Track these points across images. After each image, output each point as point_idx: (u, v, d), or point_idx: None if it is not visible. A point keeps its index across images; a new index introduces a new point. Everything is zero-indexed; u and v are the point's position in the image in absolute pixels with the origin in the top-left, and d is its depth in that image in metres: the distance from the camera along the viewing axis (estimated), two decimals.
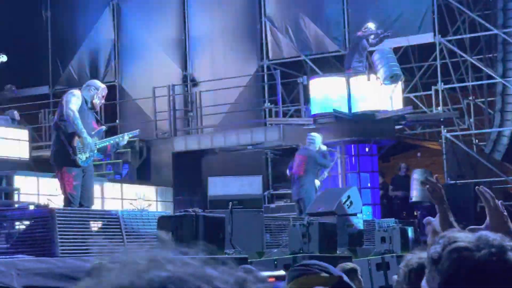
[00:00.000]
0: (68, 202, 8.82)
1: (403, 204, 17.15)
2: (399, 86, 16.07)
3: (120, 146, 9.57)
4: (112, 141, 9.35)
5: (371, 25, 15.76)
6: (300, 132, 15.62)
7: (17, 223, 7.91)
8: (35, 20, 20.53)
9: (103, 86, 9.38)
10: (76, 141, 8.78)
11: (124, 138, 9.42)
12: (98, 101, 9.23)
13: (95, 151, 9.04)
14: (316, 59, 18.30)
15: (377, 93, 15.67)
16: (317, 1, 18.29)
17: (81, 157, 8.82)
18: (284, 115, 17.49)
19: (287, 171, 13.96)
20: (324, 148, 13.90)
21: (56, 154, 8.94)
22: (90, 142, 8.84)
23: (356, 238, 11.56)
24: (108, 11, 20.27)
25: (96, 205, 11.44)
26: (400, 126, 16.86)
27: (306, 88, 16.60)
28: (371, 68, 15.81)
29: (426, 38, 17.20)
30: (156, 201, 16.11)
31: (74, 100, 8.86)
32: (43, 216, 7.57)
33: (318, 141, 13.82)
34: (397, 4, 17.33)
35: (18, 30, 19.67)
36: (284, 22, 18.59)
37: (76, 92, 9.04)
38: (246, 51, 18.95)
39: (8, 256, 7.10)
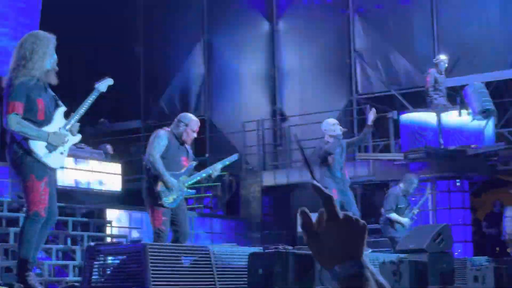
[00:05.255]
0: (157, 236, 8.90)
1: (497, 242, 16.78)
2: (492, 121, 15.80)
3: (213, 177, 9.49)
4: (204, 174, 9.34)
5: (443, 57, 15.56)
6: (391, 168, 15.47)
7: (110, 257, 8.03)
8: (128, 55, 20.97)
9: (194, 119, 9.22)
10: (160, 185, 8.79)
11: (217, 168, 9.30)
12: (188, 137, 9.12)
13: (184, 189, 9.04)
14: (406, 93, 18.16)
15: (469, 128, 15.44)
16: (407, 35, 18.20)
17: (167, 200, 8.81)
18: (374, 150, 17.37)
19: None
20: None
21: (146, 192, 9.01)
22: (174, 184, 8.89)
23: (447, 277, 11.34)
24: (199, 47, 20.58)
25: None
26: (492, 162, 16.54)
27: (396, 123, 16.47)
28: (462, 103, 15.59)
29: None
30: (245, 235, 16.17)
31: (156, 143, 8.83)
32: (136, 251, 7.67)
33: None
34: (489, 39, 17.09)
35: (111, 65, 20.10)
36: (374, 56, 18.56)
37: (161, 132, 8.94)
38: (336, 86, 18.97)
39: None
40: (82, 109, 6.94)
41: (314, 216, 1.76)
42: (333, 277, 1.72)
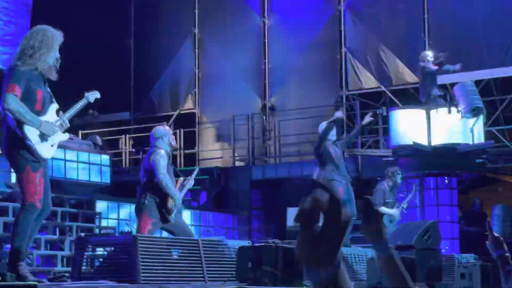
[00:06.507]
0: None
1: (477, 240, 16.79)
2: (481, 119, 15.84)
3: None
4: (186, 189, 9.85)
5: (429, 53, 15.72)
6: (379, 164, 15.51)
7: (100, 248, 8.04)
8: (119, 47, 20.91)
9: (164, 126, 9.79)
10: (171, 204, 9.18)
11: (191, 183, 9.87)
12: (174, 140, 9.67)
13: (180, 204, 9.54)
14: (396, 90, 18.20)
15: (458, 126, 15.48)
16: (398, 32, 18.22)
17: (173, 216, 9.23)
18: (362, 146, 17.41)
19: None
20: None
21: (147, 207, 9.18)
22: (179, 201, 9.34)
23: (435, 273, 11.38)
24: (190, 41, 20.56)
25: None
26: (481, 160, 16.58)
27: (385, 120, 16.49)
28: (452, 101, 15.63)
29: (510, 71, 16.94)
30: (233, 228, 16.18)
31: (162, 163, 9.19)
32: (126, 243, 7.68)
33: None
34: (481, 37, 17.12)
35: (101, 56, 20.04)
36: (364, 52, 18.58)
37: (162, 152, 9.29)
38: (326, 81, 18.96)
39: (91, 282, 7.23)
40: (71, 112, 7.08)
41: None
42: (313, 280, 1.64)
